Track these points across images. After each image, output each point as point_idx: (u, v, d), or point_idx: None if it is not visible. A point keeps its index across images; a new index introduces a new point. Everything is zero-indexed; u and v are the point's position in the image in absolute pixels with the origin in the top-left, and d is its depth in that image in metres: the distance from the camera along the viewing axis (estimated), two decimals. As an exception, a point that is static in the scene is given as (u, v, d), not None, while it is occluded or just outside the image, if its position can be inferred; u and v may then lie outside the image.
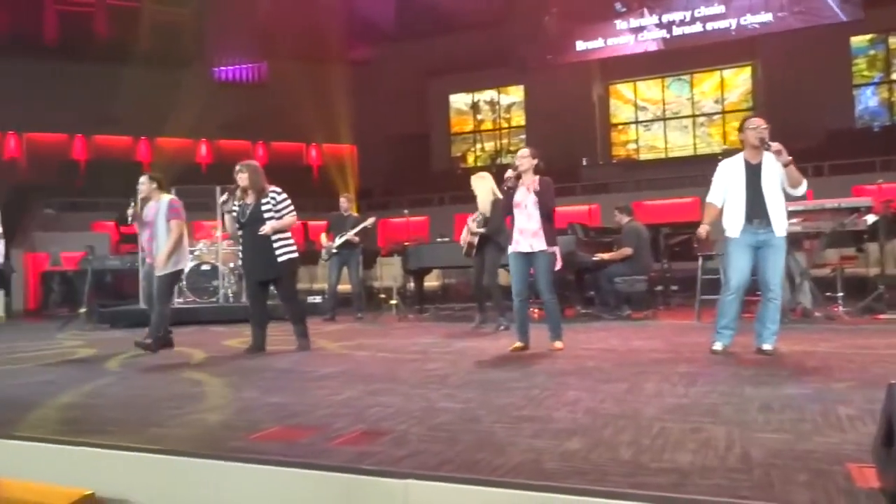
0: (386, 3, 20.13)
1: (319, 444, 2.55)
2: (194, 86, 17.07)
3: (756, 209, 4.43)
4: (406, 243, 9.54)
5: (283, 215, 5.50)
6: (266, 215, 5.45)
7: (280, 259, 5.47)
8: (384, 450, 2.44)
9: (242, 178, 5.48)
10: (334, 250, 8.62)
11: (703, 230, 4.68)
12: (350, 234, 8.53)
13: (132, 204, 5.95)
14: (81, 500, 2.44)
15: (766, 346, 4.42)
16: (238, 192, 5.54)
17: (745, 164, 4.53)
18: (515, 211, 5.08)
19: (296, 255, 5.62)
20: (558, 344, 5.05)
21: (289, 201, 5.55)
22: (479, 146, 20.53)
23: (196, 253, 9.36)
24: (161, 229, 5.74)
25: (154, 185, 5.88)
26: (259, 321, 5.62)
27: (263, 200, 5.48)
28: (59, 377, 4.50)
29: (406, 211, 10.82)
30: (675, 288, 9.29)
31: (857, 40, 16.64)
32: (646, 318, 7.46)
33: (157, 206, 5.83)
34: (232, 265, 9.50)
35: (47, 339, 7.30)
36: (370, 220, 8.68)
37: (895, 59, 16.62)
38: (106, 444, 2.60)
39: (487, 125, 20.42)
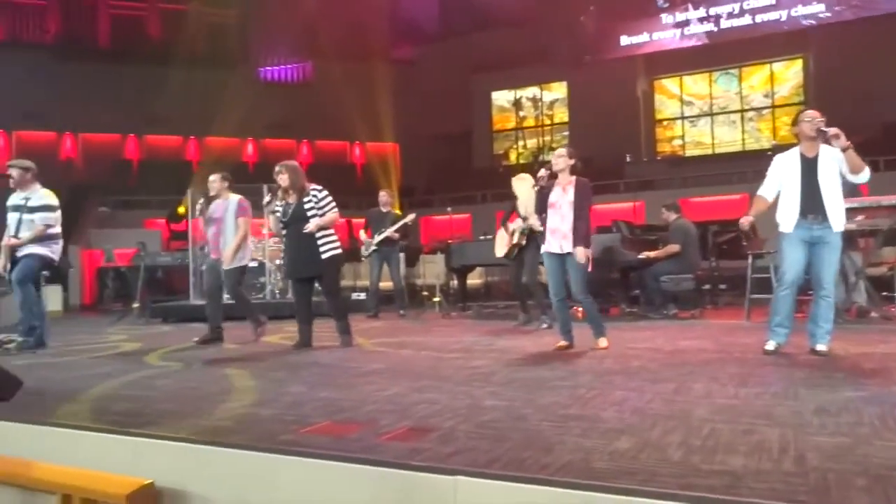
0: (429, 2, 20.20)
1: (368, 439, 2.59)
2: (241, 86, 17.43)
3: (811, 204, 4.32)
4: (449, 241, 9.57)
5: (326, 212, 5.57)
6: (309, 213, 5.53)
7: (324, 255, 5.55)
8: (432, 446, 2.46)
9: (283, 179, 5.58)
10: (374, 247, 8.69)
11: (745, 221, 4.60)
12: (389, 231, 8.60)
13: (201, 200, 6.29)
14: (141, 490, 2.53)
15: (821, 347, 4.31)
16: (280, 193, 5.65)
17: (800, 158, 4.42)
18: (550, 211, 5.04)
19: (339, 251, 5.69)
20: (602, 342, 5.01)
21: (331, 198, 5.64)
22: (521, 143, 20.44)
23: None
24: (229, 226, 6.08)
25: (225, 184, 6.25)
26: (305, 318, 5.73)
27: (305, 199, 5.57)
28: (113, 370, 4.66)
29: (449, 209, 10.85)
30: (723, 287, 9.11)
31: (915, 30, 16.00)
32: (692, 318, 7.34)
33: (226, 205, 6.17)
34: (278, 262, 9.66)
35: (100, 333, 7.55)
36: (409, 217, 8.73)
37: (957, 48, 15.93)
38: (165, 436, 2.69)
39: (530, 122, 20.31)
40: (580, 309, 6.58)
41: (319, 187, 5.66)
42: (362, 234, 9.00)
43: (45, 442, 2.94)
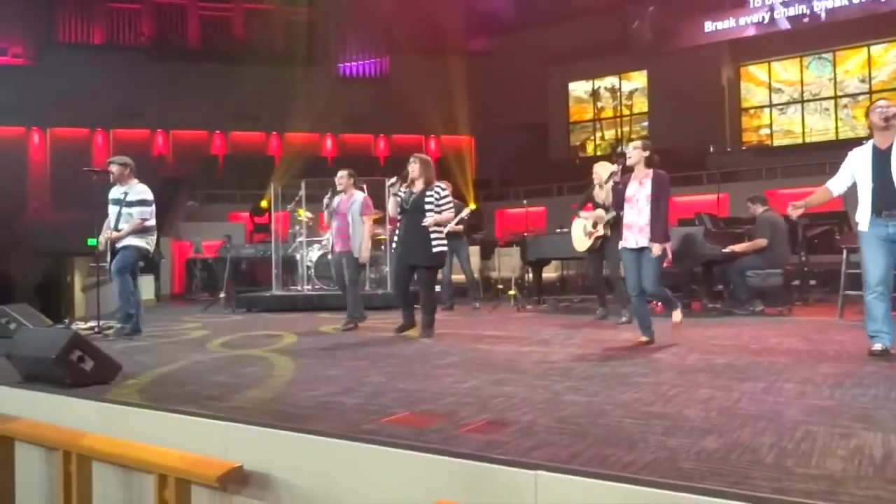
0: (504, -7, 20.08)
1: (448, 430, 2.60)
2: (320, 82, 17.88)
3: (886, 199, 4.05)
4: (524, 234, 9.50)
5: (443, 210, 5.79)
6: (427, 206, 5.75)
7: (434, 249, 5.74)
8: (512, 440, 2.45)
9: (414, 168, 5.85)
10: None
11: (793, 211, 4.42)
12: (451, 226, 8.62)
13: (328, 195, 6.72)
14: (230, 472, 2.64)
15: (921, 348, 4.04)
16: (408, 180, 5.91)
17: (872, 151, 4.17)
18: (626, 206, 4.96)
19: (445, 248, 5.90)
20: (676, 315, 5.01)
21: (450, 198, 5.93)
22: (598, 135, 20.07)
23: (323, 243, 9.78)
24: (355, 221, 6.54)
25: (351, 181, 6.74)
26: (406, 301, 5.96)
27: (428, 192, 5.79)
28: (204, 356, 4.88)
29: (524, 201, 10.78)
30: (813, 283, 8.67)
31: None
32: (780, 315, 7.02)
33: (351, 200, 6.63)
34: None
35: (192, 322, 7.91)
36: (465, 211, 8.71)
37: None
38: (253, 422, 2.79)
39: (608, 113, 19.91)
40: (659, 304, 6.42)
41: (444, 185, 5.92)
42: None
43: (144, 423, 3.11)
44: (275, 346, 5.41)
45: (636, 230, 4.89)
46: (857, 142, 4.55)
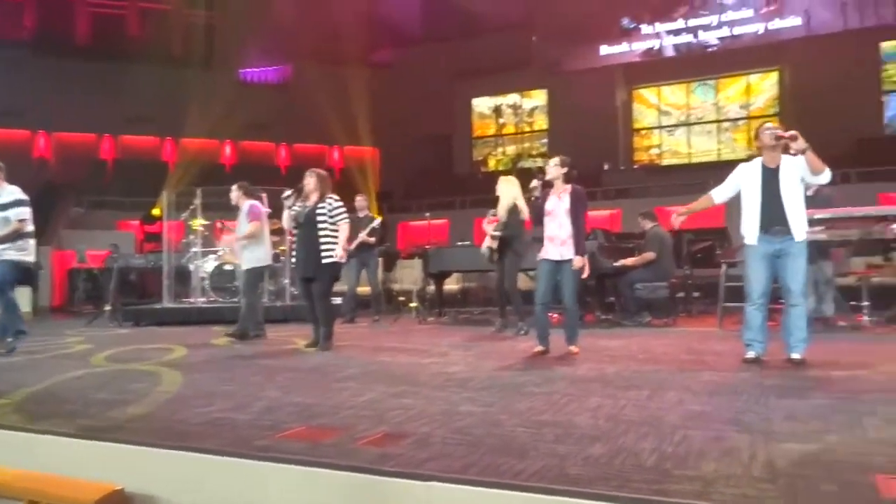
0: (410, 6, 20.24)
1: (344, 444, 2.58)
2: (220, 87, 17.31)
3: (773, 216, 4.36)
4: (427, 246, 9.57)
5: (336, 220, 5.82)
6: (319, 218, 5.77)
7: (324, 261, 5.73)
8: (407, 452, 2.46)
9: (309, 183, 5.89)
10: (353, 252, 8.69)
11: (676, 218, 4.71)
12: (362, 236, 8.61)
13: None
14: (110, 495, 2.50)
15: (795, 356, 4.36)
16: (303, 194, 5.92)
17: (762, 169, 4.46)
18: (546, 219, 5.12)
19: (339, 260, 5.85)
20: (574, 348, 5.12)
21: (343, 209, 5.92)
22: (501, 150, 20.53)
23: (220, 253, 9.46)
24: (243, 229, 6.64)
25: (241, 192, 6.88)
26: (315, 318, 5.90)
27: (321, 205, 5.82)
28: (87, 371, 4.59)
29: (427, 214, 10.85)
30: (696, 294, 9.21)
31: (887, 46, 16.39)
32: (666, 325, 7.42)
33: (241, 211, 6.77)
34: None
35: (74, 336, 7.43)
36: (377, 221, 8.75)
37: (926, 65, 16.34)
38: (135, 441, 2.65)
39: (510, 129, 20.42)
40: (554, 315, 6.63)
41: (336, 197, 5.93)
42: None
43: (12, 446, 2.89)
44: (164, 360, 5.17)
45: (559, 242, 5.06)
46: (738, 162, 4.86)
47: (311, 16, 18.35)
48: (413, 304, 9.31)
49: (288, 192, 5.99)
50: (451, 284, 10.43)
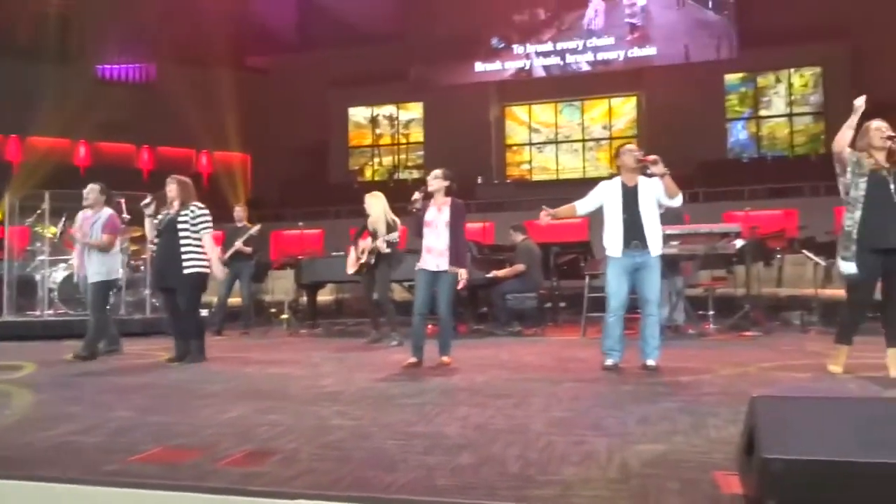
0: (286, 12, 19.83)
1: (204, 465, 2.45)
2: (74, 82, 16.06)
3: (633, 232, 4.65)
4: (299, 256, 9.36)
5: (199, 229, 5.55)
6: (181, 226, 5.52)
7: (185, 271, 5.46)
8: (273, 470, 2.38)
9: (171, 189, 5.62)
10: (226, 262, 8.35)
11: (544, 215, 4.88)
12: (238, 245, 8.31)
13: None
14: (-71, 534, 2.22)
15: (650, 362, 4.65)
16: (167, 201, 5.66)
17: (622, 188, 4.76)
18: (426, 230, 5.16)
19: (202, 269, 5.59)
20: (446, 358, 5.17)
21: (207, 217, 5.65)
22: (377, 160, 20.52)
23: (70, 262, 8.75)
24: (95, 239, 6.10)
25: (103, 198, 6.27)
26: (177, 331, 5.64)
27: (183, 212, 5.56)
28: None
29: (300, 223, 10.64)
30: (563, 305, 9.63)
31: (731, 78, 18.05)
32: (536, 335, 7.69)
33: (97, 217, 6.14)
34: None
35: None
36: (255, 228, 8.47)
37: (763, 96, 18.16)
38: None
39: (386, 140, 20.46)
40: (429, 326, 6.69)
41: (200, 205, 5.67)
42: (218, 251, 8.56)
43: None
44: (2, 379, 4.69)
45: (437, 253, 5.10)
46: (601, 180, 5.15)
47: (180, 13, 17.51)
48: (285, 316, 9.06)
49: (147, 199, 5.69)
50: (325, 295, 10.26)
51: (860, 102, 4.17)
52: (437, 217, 5.15)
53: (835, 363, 4.35)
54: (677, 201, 4.68)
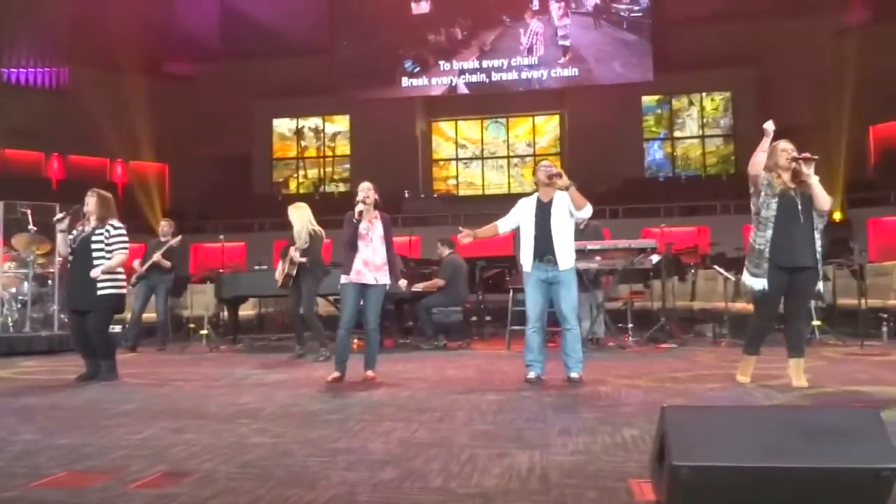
0: (210, 20, 19.39)
1: (113, 488, 2.34)
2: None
3: (544, 246, 4.74)
4: (220, 270, 9.11)
5: (113, 249, 5.30)
6: (95, 245, 5.26)
7: (99, 292, 5.21)
8: (188, 491, 2.30)
9: (90, 203, 5.35)
10: (143, 274, 8.05)
11: (465, 234, 4.95)
12: (156, 257, 8.01)
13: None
14: None
15: (573, 374, 4.75)
16: (84, 216, 5.39)
17: (536, 203, 4.87)
18: (360, 243, 5.11)
19: (116, 291, 5.34)
20: (371, 373, 5.14)
21: (123, 238, 5.38)
22: (302, 173, 20.27)
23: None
24: None
25: None
26: (86, 351, 5.37)
27: (98, 230, 5.31)
28: None
29: (221, 236, 10.37)
30: (488, 318, 9.75)
31: (648, 99, 18.85)
32: (461, 348, 7.75)
33: None
34: (14, 290, 8.45)
35: None
36: (175, 240, 8.19)
37: (677, 118, 19.03)
38: None
39: (312, 152, 20.26)
40: (356, 341, 6.64)
41: (118, 224, 5.41)
42: (136, 264, 8.22)
43: None
44: None
45: (373, 267, 5.08)
46: (526, 195, 5.25)
47: (95, 17, 16.83)
48: (204, 332, 8.77)
49: (60, 215, 5.39)
50: (248, 310, 10.01)
51: (770, 126, 4.41)
52: (371, 231, 5.13)
53: (742, 373, 4.57)
54: (586, 212, 4.80)
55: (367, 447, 2.90)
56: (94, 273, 5.17)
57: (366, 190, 5.21)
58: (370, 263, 5.11)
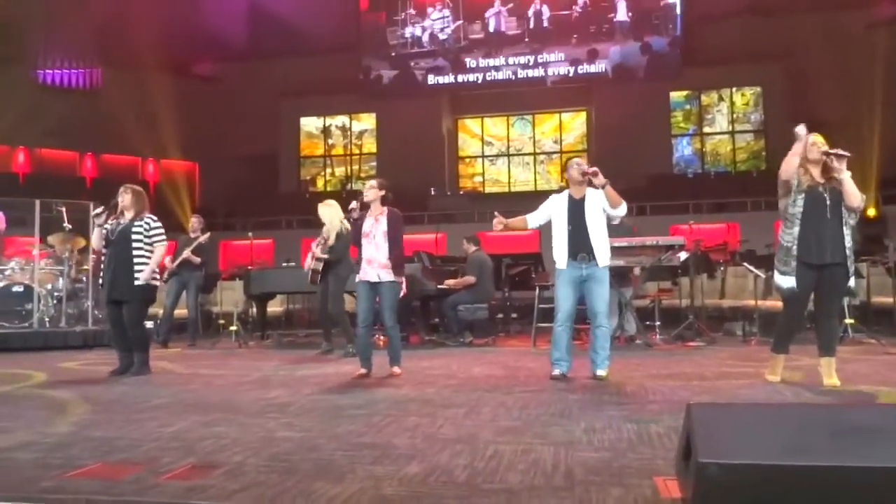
0: (237, 20, 19.60)
1: (146, 479, 2.40)
2: (13, 87, 15.57)
3: (579, 244, 4.72)
4: (249, 267, 9.23)
5: (153, 241, 5.47)
6: (135, 237, 5.40)
7: (136, 283, 5.34)
8: (217, 483, 2.34)
9: (125, 199, 5.49)
10: (174, 270, 8.19)
11: (498, 220, 4.89)
12: (186, 254, 8.15)
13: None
14: None
15: (600, 372, 4.72)
16: (118, 211, 5.53)
17: (568, 200, 4.84)
18: (363, 241, 5.14)
19: (153, 282, 5.51)
20: (397, 369, 5.17)
21: (162, 231, 5.56)
22: (329, 171, 20.42)
23: (7, 273, 8.45)
24: None
25: None
26: (122, 344, 5.49)
27: (137, 222, 5.46)
28: None
29: (250, 233, 10.50)
30: (514, 315, 9.74)
31: (676, 95, 18.62)
32: (486, 345, 7.75)
33: None
34: (50, 286, 8.65)
35: None
36: (203, 237, 8.32)
37: (706, 114, 18.76)
38: None
39: (338, 150, 20.39)
40: (381, 338, 6.69)
41: (155, 217, 5.59)
42: (168, 261, 8.38)
43: None
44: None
45: (376, 265, 5.08)
46: (552, 193, 5.23)
47: (127, 19, 17.12)
48: (233, 328, 8.90)
49: (99, 209, 5.53)
50: (276, 306, 10.13)
51: (802, 129, 4.31)
52: (374, 227, 5.15)
53: (772, 372, 4.51)
54: (621, 210, 4.77)
55: (393, 442, 2.93)
56: (144, 276, 5.30)
57: (366, 188, 5.26)
58: (373, 261, 5.11)
